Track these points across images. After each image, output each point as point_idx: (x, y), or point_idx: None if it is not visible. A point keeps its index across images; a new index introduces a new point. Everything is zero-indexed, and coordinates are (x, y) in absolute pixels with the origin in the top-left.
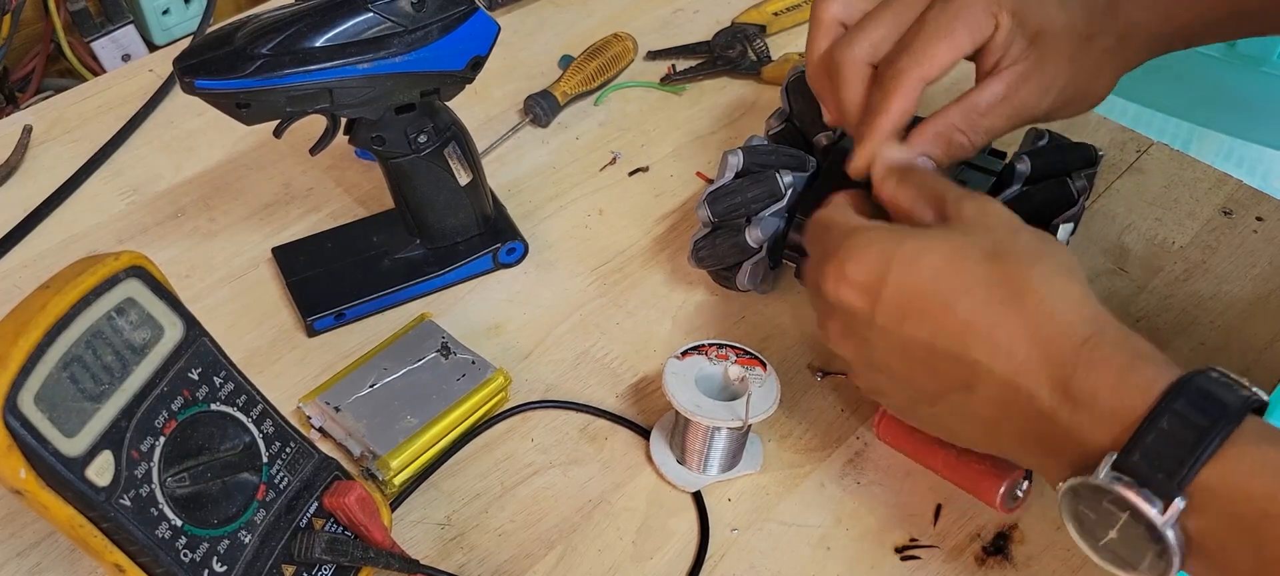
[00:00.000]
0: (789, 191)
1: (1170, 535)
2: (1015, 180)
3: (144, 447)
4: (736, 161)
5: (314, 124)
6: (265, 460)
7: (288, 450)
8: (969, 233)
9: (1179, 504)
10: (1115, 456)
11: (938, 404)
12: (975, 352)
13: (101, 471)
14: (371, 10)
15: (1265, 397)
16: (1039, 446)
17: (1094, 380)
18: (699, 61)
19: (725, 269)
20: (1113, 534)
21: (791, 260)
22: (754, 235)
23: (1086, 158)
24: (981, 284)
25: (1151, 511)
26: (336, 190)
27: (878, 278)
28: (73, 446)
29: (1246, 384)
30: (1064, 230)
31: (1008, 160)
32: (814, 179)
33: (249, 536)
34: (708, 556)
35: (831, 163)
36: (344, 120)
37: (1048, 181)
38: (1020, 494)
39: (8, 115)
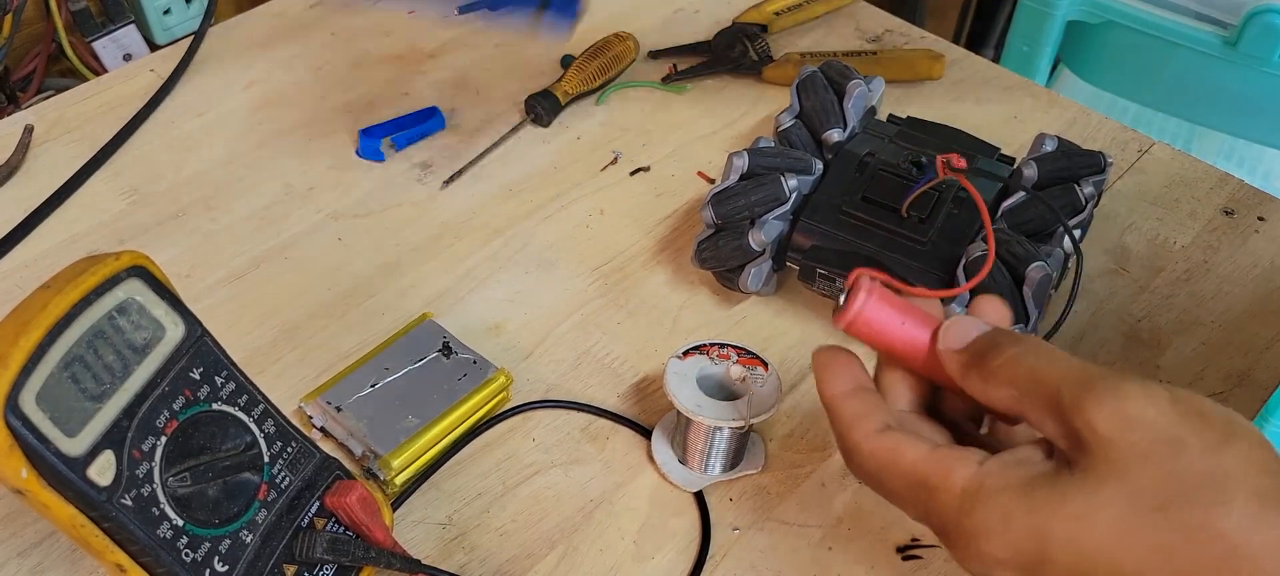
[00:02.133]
0: (793, 195)
1: None
2: (1022, 186)
3: (145, 447)
4: (741, 164)
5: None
6: (267, 460)
7: (289, 450)
8: (1122, 477)
9: None
10: None
11: None
12: None
13: (103, 471)
14: None
15: None
16: None
17: None
18: (700, 61)
19: (729, 270)
20: None
21: (795, 263)
22: (757, 238)
23: (1095, 164)
24: (1168, 552)
25: None
26: (337, 190)
27: (1036, 558)
28: (74, 446)
29: None
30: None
31: (1016, 166)
32: (821, 180)
33: (251, 536)
34: (709, 556)
35: (840, 163)
36: None
37: (1055, 187)
38: None
39: (9, 115)
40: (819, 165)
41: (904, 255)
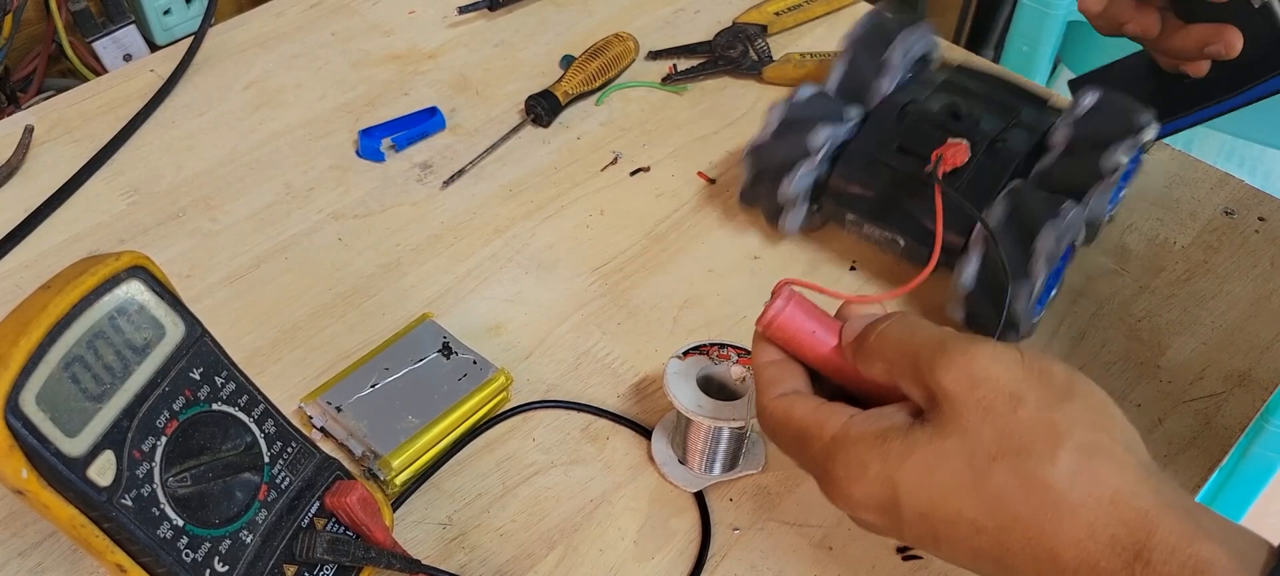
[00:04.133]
0: (823, 148)
1: None
2: (1051, 147)
3: (146, 447)
4: (776, 116)
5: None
6: (267, 460)
7: (289, 450)
8: (966, 427)
9: None
10: None
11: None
12: (1020, 566)
13: (103, 471)
14: None
15: None
16: None
17: None
18: (700, 61)
19: (770, 172)
20: None
21: (827, 207)
22: (785, 192)
23: (1132, 126)
24: (1003, 501)
25: None
26: (337, 190)
27: (889, 502)
28: (74, 446)
29: None
30: (1072, 211)
31: (1052, 125)
32: (862, 126)
33: (251, 536)
34: (709, 556)
35: (882, 111)
36: None
37: (1082, 153)
38: None
39: (9, 115)
40: (855, 113)
41: (933, 206)
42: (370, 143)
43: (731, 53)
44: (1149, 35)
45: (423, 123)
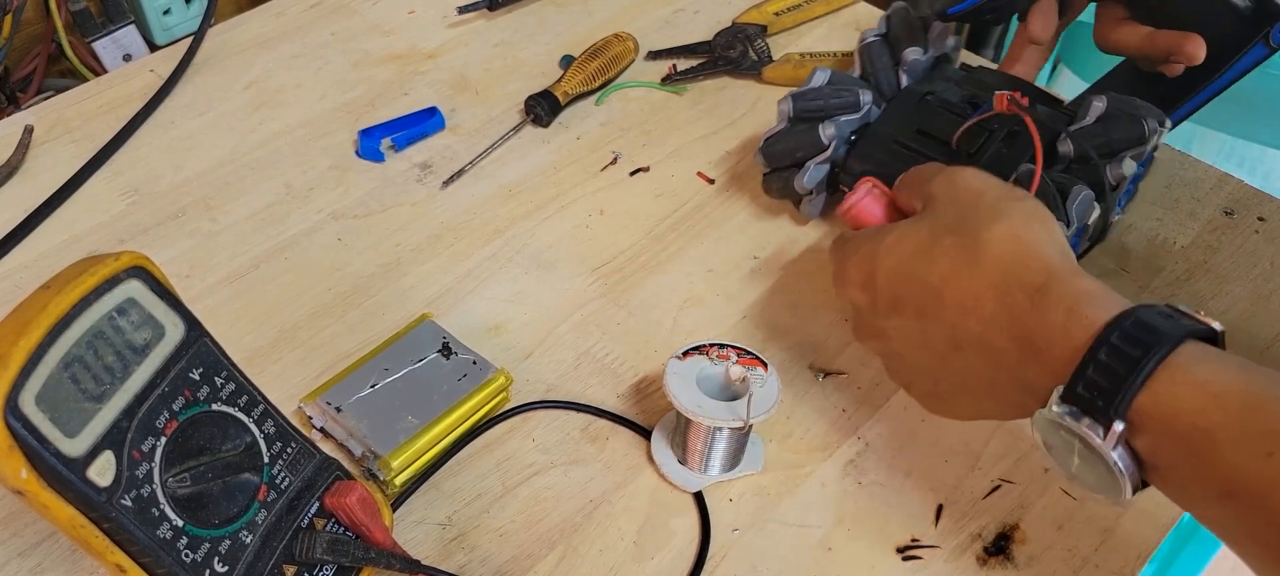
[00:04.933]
0: (834, 140)
1: (1113, 456)
2: (1060, 150)
3: (145, 448)
4: (786, 109)
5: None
6: (266, 460)
7: (289, 450)
8: (937, 212)
9: (1118, 427)
10: (1062, 389)
11: (941, 379)
12: (951, 316)
13: (103, 471)
14: None
15: (1215, 326)
16: (1022, 399)
17: (1047, 325)
18: (700, 61)
19: (783, 169)
20: (1076, 460)
21: (845, 186)
22: (801, 183)
23: (1136, 136)
24: (947, 255)
25: (1093, 437)
26: (337, 190)
27: (870, 273)
28: (74, 447)
29: (1192, 312)
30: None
31: (1060, 133)
32: (882, 112)
33: (250, 536)
34: (709, 557)
35: (902, 99)
36: None
37: (1092, 159)
38: None
39: (9, 115)
40: (869, 98)
41: None
42: (370, 143)
43: (731, 53)
44: (1125, 46)
45: (422, 123)
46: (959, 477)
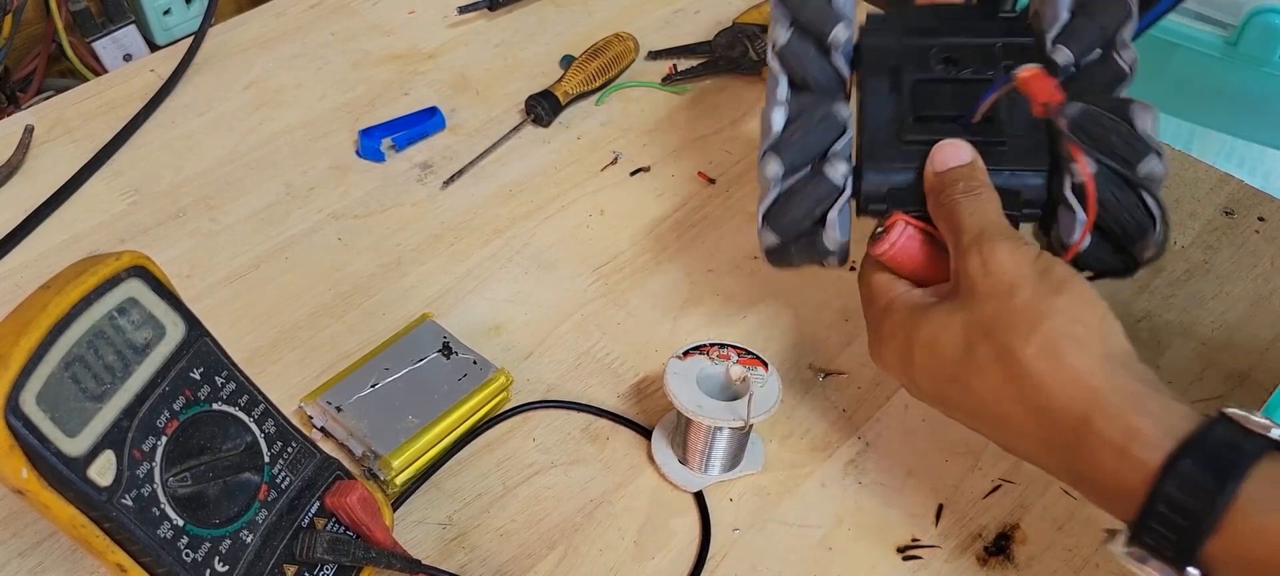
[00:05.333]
0: (846, 179)
1: None
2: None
3: (146, 447)
4: (775, 171)
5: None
6: (267, 460)
7: (289, 450)
8: (969, 305)
9: (1193, 573)
10: (1127, 534)
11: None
12: (996, 432)
13: (103, 471)
14: None
15: (1274, 434)
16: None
17: (1096, 467)
18: (700, 61)
19: (807, 234)
20: None
21: (877, 214)
22: (834, 238)
23: (1124, 10)
24: (984, 372)
25: None
26: (337, 190)
27: (906, 360)
28: (74, 446)
29: (1244, 418)
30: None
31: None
32: (861, 115)
33: (251, 536)
34: (709, 556)
35: (870, 91)
36: None
37: (1078, 79)
38: None
39: (9, 115)
40: (845, 108)
41: (991, 164)
42: (370, 143)
43: (731, 53)
44: None
45: (423, 123)
46: (959, 477)
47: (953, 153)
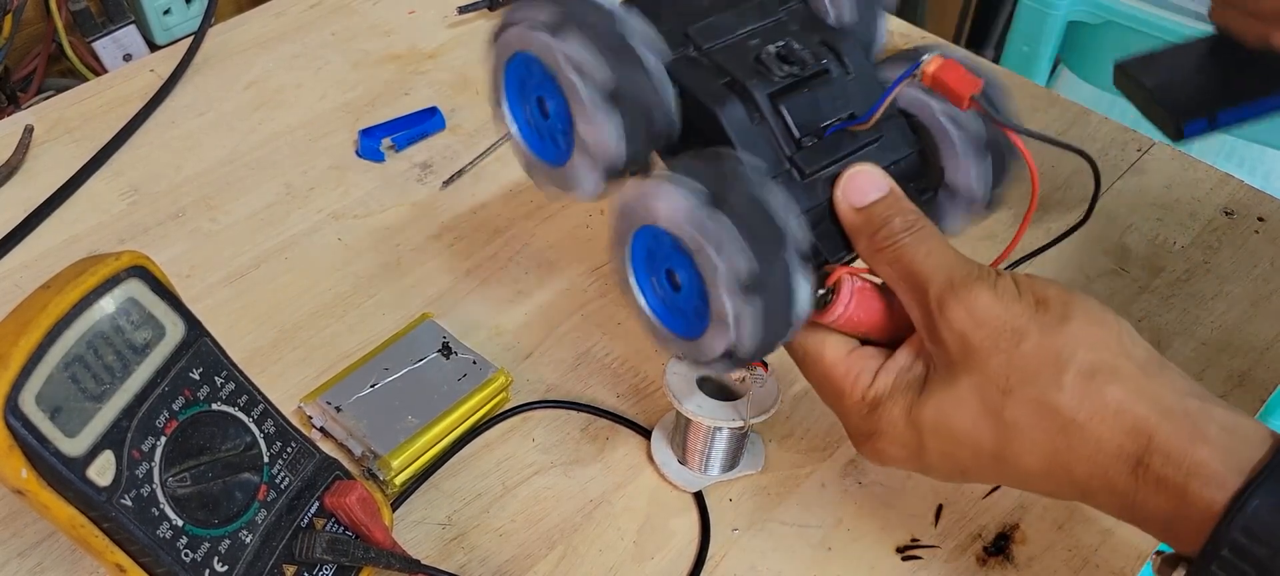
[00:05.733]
0: (803, 227)
1: None
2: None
3: (145, 447)
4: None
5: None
6: (266, 460)
7: (289, 450)
8: (972, 369)
9: None
10: (1186, 572)
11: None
12: (1040, 487)
13: (102, 471)
14: None
15: None
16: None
17: (1154, 508)
18: None
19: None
20: None
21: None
22: (799, 315)
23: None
24: (1026, 431)
25: None
26: (337, 190)
27: (916, 453)
28: (74, 446)
29: None
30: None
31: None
32: (724, 169)
33: (250, 536)
34: (709, 557)
35: (728, 117)
36: None
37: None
38: None
39: (9, 115)
40: (763, 165)
41: (880, 165)
42: (370, 143)
43: None
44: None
45: (423, 123)
46: None
47: (867, 182)
